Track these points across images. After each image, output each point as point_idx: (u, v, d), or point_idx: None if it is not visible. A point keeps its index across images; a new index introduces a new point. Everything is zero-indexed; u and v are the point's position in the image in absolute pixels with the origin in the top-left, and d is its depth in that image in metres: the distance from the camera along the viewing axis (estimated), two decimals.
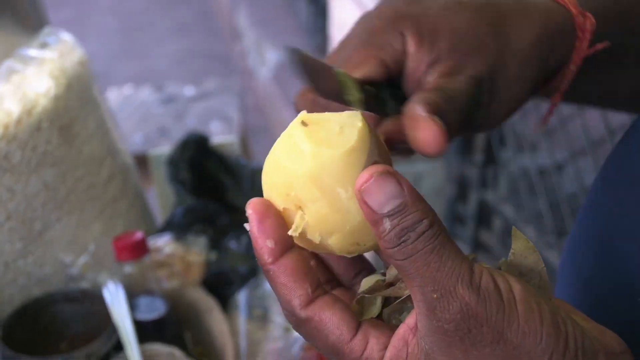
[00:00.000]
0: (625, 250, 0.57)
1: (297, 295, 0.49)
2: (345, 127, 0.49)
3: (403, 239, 0.44)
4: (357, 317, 0.50)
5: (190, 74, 4.28)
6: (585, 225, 0.66)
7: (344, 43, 0.62)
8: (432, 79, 0.58)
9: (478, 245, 2.54)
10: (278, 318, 1.27)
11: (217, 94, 2.53)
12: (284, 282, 0.49)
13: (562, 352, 0.44)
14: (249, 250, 1.34)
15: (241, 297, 1.30)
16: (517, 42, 0.60)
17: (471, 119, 0.59)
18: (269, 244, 0.49)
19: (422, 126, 0.53)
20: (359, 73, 0.58)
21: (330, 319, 0.48)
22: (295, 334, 1.23)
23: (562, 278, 0.69)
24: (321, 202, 0.48)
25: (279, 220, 0.50)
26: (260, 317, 1.27)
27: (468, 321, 0.43)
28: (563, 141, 2.05)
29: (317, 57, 0.55)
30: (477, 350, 0.44)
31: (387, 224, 0.44)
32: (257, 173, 1.59)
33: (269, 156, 0.51)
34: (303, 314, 0.49)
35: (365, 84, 0.57)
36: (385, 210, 0.44)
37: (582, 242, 0.66)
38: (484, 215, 2.49)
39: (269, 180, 0.51)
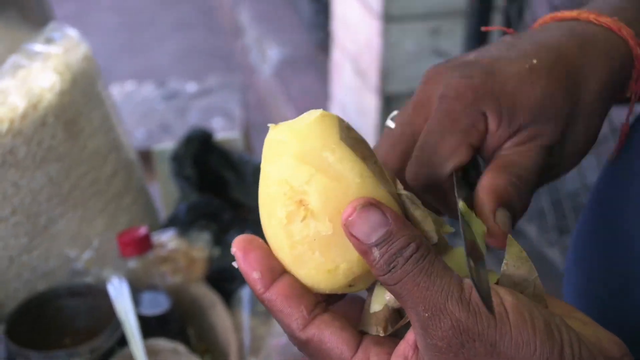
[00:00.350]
0: (635, 242, 0.57)
1: (294, 319, 0.50)
2: (311, 111, 0.51)
3: (392, 264, 0.45)
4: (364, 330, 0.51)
5: (191, 70, 4.27)
6: (591, 220, 0.66)
7: (415, 118, 0.62)
8: (505, 152, 0.59)
9: None
10: None
11: (219, 91, 2.53)
12: (279, 308, 0.50)
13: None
14: None
15: (244, 292, 1.30)
16: (586, 96, 0.60)
17: (540, 181, 0.61)
18: (255, 275, 0.50)
19: (487, 222, 0.54)
20: (452, 164, 0.59)
21: (330, 338, 0.49)
22: None
23: (569, 275, 0.69)
24: (316, 176, 0.48)
25: (263, 251, 0.51)
26: (264, 313, 1.27)
27: (460, 337, 0.44)
28: None
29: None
30: None
31: (376, 253, 0.46)
32: (259, 169, 1.60)
33: (259, 188, 0.52)
34: (303, 336, 0.50)
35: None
36: (372, 240, 0.46)
37: (588, 237, 0.66)
38: None
39: (264, 195, 0.51)
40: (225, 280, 1.32)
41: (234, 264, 0.52)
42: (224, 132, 2.07)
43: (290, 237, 0.50)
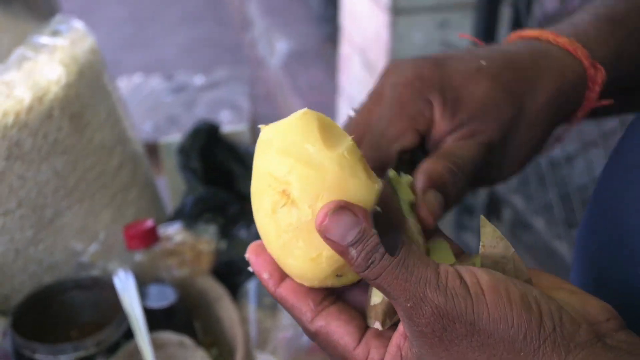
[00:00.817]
0: (635, 234, 0.58)
1: (303, 312, 0.54)
2: (297, 111, 0.54)
3: (370, 261, 0.47)
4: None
5: (199, 63, 4.28)
6: (594, 213, 0.66)
7: (372, 106, 0.66)
8: (447, 144, 0.63)
9: None
10: None
11: (227, 83, 2.53)
12: (290, 303, 0.55)
13: (537, 331, 0.45)
14: (259, 239, 1.34)
15: (251, 285, 1.30)
16: (531, 106, 0.64)
17: (480, 178, 0.65)
18: (265, 275, 0.55)
19: (419, 202, 0.58)
20: (398, 146, 0.63)
21: (336, 330, 0.53)
22: None
23: (575, 267, 0.69)
24: (296, 166, 0.51)
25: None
26: (270, 306, 1.27)
27: (441, 321, 0.46)
28: (574, 132, 2.04)
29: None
30: (456, 346, 0.47)
31: (353, 252, 0.48)
32: None
33: (251, 185, 0.55)
34: (312, 327, 0.54)
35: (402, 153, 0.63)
36: (348, 241, 0.48)
37: (592, 230, 0.66)
38: (494, 206, 2.49)
39: (254, 190, 0.55)
40: (231, 273, 1.32)
41: (250, 268, 0.56)
42: (232, 124, 2.07)
43: (277, 226, 0.52)
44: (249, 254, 0.56)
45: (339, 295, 0.56)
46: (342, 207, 0.49)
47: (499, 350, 0.46)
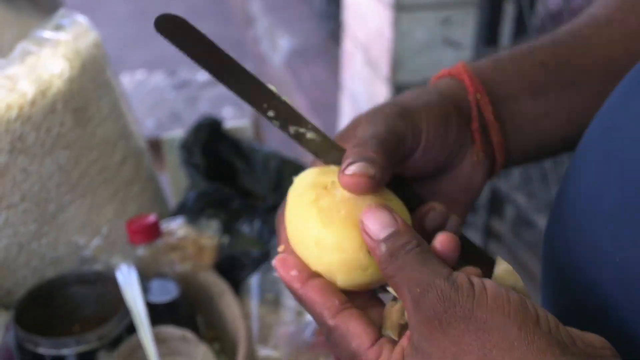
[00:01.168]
0: (600, 224, 0.58)
1: (327, 307, 0.57)
2: None
3: (395, 256, 0.53)
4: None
5: None
6: (562, 201, 0.66)
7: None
8: None
9: (489, 234, 2.54)
10: (290, 302, 1.27)
11: None
12: (315, 299, 0.58)
13: (532, 327, 0.47)
14: (261, 235, 1.35)
15: (253, 280, 1.30)
16: (423, 125, 0.67)
17: (403, 152, 0.66)
18: (293, 273, 0.58)
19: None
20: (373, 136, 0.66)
21: (355, 328, 0.56)
22: (307, 318, 1.23)
23: (544, 255, 0.70)
24: (337, 181, 0.59)
25: (299, 259, 0.59)
26: (272, 301, 1.28)
27: (443, 303, 0.49)
28: None
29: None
30: (453, 329, 0.49)
31: (382, 247, 0.53)
32: (269, 157, 1.60)
33: (288, 212, 0.61)
34: (332, 322, 0.57)
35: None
36: (381, 236, 0.54)
37: (559, 218, 0.66)
38: (496, 204, 2.49)
39: (292, 206, 0.61)
40: (234, 268, 1.32)
41: (276, 274, 0.60)
42: (234, 120, 2.07)
43: (318, 208, 0.58)
44: (276, 261, 0.60)
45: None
46: (385, 207, 0.55)
47: (494, 336, 0.47)
